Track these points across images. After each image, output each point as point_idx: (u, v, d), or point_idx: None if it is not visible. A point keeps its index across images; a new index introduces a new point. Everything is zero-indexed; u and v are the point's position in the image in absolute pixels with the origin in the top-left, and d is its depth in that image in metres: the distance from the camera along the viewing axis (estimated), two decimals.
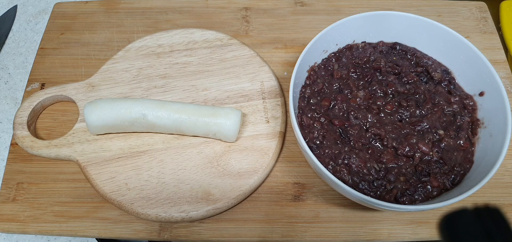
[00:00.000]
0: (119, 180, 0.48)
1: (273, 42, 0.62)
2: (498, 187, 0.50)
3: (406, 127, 0.45)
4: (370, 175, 0.43)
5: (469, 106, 0.47)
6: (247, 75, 0.56)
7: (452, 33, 0.49)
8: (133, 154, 0.50)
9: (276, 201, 0.49)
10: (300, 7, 0.66)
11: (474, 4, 0.66)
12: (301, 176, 0.51)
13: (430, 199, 0.42)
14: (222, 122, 0.48)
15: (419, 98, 0.48)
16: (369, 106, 0.47)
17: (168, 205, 0.47)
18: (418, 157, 0.43)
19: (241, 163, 0.49)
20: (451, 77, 0.50)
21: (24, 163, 0.51)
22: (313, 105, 0.48)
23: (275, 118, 0.53)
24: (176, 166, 0.49)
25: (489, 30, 0.63)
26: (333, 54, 0.52)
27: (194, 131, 0.49)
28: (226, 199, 0.47)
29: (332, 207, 0.49)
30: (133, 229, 0.47)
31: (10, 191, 0.50)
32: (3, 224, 0.48)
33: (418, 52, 0.52)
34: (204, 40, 0.60)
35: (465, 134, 0.45)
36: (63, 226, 0.47)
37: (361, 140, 0.45)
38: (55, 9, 0.65)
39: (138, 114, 0.48)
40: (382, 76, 0.50)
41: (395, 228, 0.47)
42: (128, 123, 0.49)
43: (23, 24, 0.69)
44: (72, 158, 0.50)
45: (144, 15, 0.65)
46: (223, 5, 0.66)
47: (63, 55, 0.61)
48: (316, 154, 0.44)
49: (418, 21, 0.50)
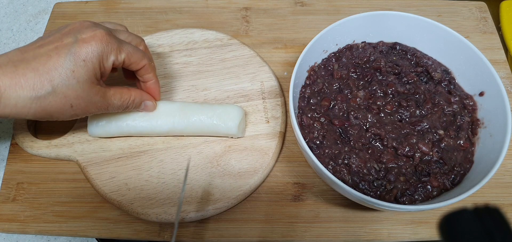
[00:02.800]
0: (119, 180, 0.48)
1: (273, 42, 0.62)
2: (498, 187, 0.50)
3: (406, 127, 0.45)
4: (370, 175, 0.43)
5: (469, 106, 0.47)
6: (247, 75, 0.56)
7: (452, 33, 0.49)
8: (133, 154, 0.50)
9: (276, 201, 0.49)
10: (300, 7, 0.66)
11: (474, 4, 0.66)
12: (301, 176, 0.51)
13: (430, 199, 0.42)
14: (222, 111, 0.49)
15: (419, 98, 0.48)
16: (369, 106, 0.47)
17: (168, 205, 0.47)
18: (418, 157, 0.43)
19: (241, 163, 0.49)
20: (451, 77, 0.50)
21: (24, 163, 0.52)
22: (313, 105, 0.48)
23: (275, 118, 0.53)
24: (176, 166, 0.49)
25: (489, 30, 0.63)
26: (333, 54, 0.52)
27: (196, 131, 0.50)
28: (226, 199, 0.47)
29: (332, 207, 0.49)
30: (133, 229, 0.47)
31: (10, 191, 0.50)
32: (3, 224, 0.48)
33: (418, 52, 0.52)
34: (204, 40, 0.60)
35: (465, 134, 0.45)
36: (63, 226, 0.47)
37: (361, 140, 0.45)
38: (55, 9, 0.65)
39: (142, 130, 0.49)
40: (382, 76, 0.50)
41: (395, 228, 0.47)
42: (132, 134, 0.50)
43: (23, 24, 0.69)
44: (72, 158, 0.50)
45: (144, 15, 0.65)
46: (223, 5, 0.66)
47: None
48: (316, 154, 0.44)
49: (418, 21, 0.50)
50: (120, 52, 0.42)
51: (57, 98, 0.39)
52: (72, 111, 0.41)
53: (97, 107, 0.42)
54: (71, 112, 0.41)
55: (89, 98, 0.41)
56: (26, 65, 0.38)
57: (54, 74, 0.38)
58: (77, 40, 0.39)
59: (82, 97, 0.40)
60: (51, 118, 0.41)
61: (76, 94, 0.39)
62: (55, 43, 0.39)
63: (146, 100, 0.47)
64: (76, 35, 0.40)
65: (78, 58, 0.39)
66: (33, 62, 0.38)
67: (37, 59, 0.38)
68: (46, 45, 0.40)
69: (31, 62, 0.38)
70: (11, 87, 0.37)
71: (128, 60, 0.43)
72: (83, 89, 0.40)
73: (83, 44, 0.39)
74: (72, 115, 0.41)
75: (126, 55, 0.42)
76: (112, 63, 0.42)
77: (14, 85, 0.37)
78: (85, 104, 0.41)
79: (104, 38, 0.40)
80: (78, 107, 0.41)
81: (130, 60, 0.43)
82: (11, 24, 0.69)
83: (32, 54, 0.39)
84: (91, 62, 0.39)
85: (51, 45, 0.39)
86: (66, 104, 0.39)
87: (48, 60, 0.38)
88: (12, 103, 0.37)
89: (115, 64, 0.42)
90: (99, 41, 0.40)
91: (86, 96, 0.40)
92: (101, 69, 0.41)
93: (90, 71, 0.40)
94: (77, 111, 0.41)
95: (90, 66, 0.39)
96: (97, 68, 0.40)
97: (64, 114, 0.40)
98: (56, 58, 0.38)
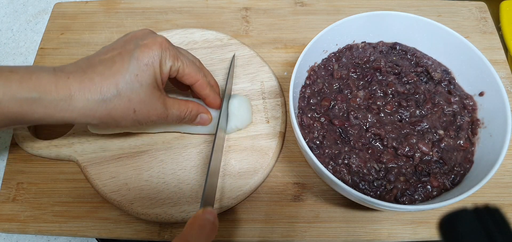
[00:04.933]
0: (119, 180, 0.48)
1: (273, 42, 0.62)
2: (498, 187, 0.50)
3: (406, 127, 0.45)
4: (370, 175, 0.43)
5: (469, 106, 0.47)
6: (247, 75, 0.56)
7: (452, 33, 0.49)
8: (133, 154, 0.50)
9: (276, 201, 0.49)
10: (300, 7, 0.66)
11: (474, 4, 0.66)
12: (301, 176, 0.51)
13: (430, 199, 0.42)
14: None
15: (419, 98, 0.48)
16: (369, 106, 0.47)
17: (168, 205, 0.47)
18: (418, 157, 0.43)
19: (241, 163, 0.49)
20: (451, 77, 0.50)
21: (24, 163, 0.52)
22: (313, 105, 0.48)
23: (275, 118, 0.53)
24: (176, 166, 0.49)
25: (489, 30, 0.63)
26: (333, 54, 0.52)
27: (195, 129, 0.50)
28: (226, 199, 0.47)
29: (332, 207, 0.49)
30: (133, 229, 0.47)
31: (10, 191, 0.50)
32: (3, 224, 0.48)
33: (418, 52, 0.52)
34: (204, 40, 0.60)
35: (465, 134, 0.45)
36: (63, 226, 0.47)
37: (361, 140, 0.45)
38: (55, 9, 0.65)
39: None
40: (382, 76, 0.50)
41: (395, 228, 0.47)
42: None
43: (23, 24, 0.69)
44: (72, 158, 0.50)
45: (144, 15, 0.65)
46: (223, 5, 0.66)
47: (63, 55, 0.61)
48: (316, 154, 0.44)
49: (418, 21, 0.50)
50: (177, 59, 0.43)
51: (122, 101, 0.40)
52: (135, 117, 0.41)
53: (158, 115, 0.43)
54: (134, 118, 0.41)
55: (151, 103, 0.42)
56: (93, 69, 0.39)
57: (119, 78, 0.39)
58: (139, 46, 0.41)
59: (145, 102, 0.41)
60: (116, 125, 0.42)
61: (140, 98, 0.40)
62: (119, 50, 0.41)
63: (202, 114, 0.48)
64: (138, 41, 0.41)
65: (141, 62, 0.40)
66: (99, 67, 0.39)
67: (103, 64, 0.40)
68: (110, 51, 0.41)
69: (98, 67, 0.39)
70: (80, 91, 0.38)
71: (183, 70, 0.44)
72: (146, 94, 0.41)
73: (145, 49, 0.40)
74: (134, 121, 0.42)
75: (182, 64, 0.43)
76: (169, 69, 0.42)
77: (82, 89, 0.38)
78: (147, 110, 0.42)
79: (164, 44, 0.42)
80: (141, 112, 0.41)
81: (185, 71, 0.44)
82: (11, 24, 0.69)
83: (98, 60, 0.40)
84: (153, 67, 0.41)
85: (115, 51, 0.41)
86: (130, 108, 0.40)
87: (113, 65, 0.39)
88: (80, 106, 0.38)
89: (172, 71, 0.43)
90: (159, 46, 0.41)
91: (149, 101, 0.41)
92: (161, 75, 0.42)
93: (152, 75, 0.41)
94: (139, 117, 0.42)
95: (152, 71, 0.41)
96: (158, 73, 0.41)
97: (127, 120, 0.41)
98: (121, 63, 0.40)
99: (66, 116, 0.39)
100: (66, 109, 0.38)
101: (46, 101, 0.37)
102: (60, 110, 0.38)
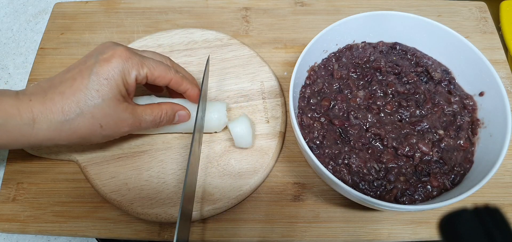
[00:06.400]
0: (119, 180, 0.48)
1: (273, 42, 0.62)
2: (498, 187, 0.50)
3: (406, 126, 0.45)
4: (370, 175, 0.43)
5: (469, 106, 0.47)
6: (247, 75, 0.56)
7: (452, 33, 0.49)
8: (133, 154, 0.50)
9: (276, 201, 0.49)
10: (300, 7, 0.66)
11: (474, 4, 0.66)
12: (301, 176, 0.51)
13: (430, 199, 0.42)
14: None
15: (419, 98, 0.48)
16: (369, 106, 0.47)
17: (168, 205, 0.47)
18: (418, 157, 0.43)
19: (241, 163, 0.49)
20: (451, 77, 0.50)
21: (24, 163, 0.52)
22: (313, 105, 0.48)
23: (275, 118, 0.53)
24: (176, 166, 0.49)
25: (489, 30, 0.63)
26: (333, 54, 0.52)
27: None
28: (226, 199, 0.47)
29: (332, 207, 0.49)
30: (133, 229, 0.47)
31: (10, 191, 0.50)
32: (3, 224, 0.48)
33: (418, 52, 0.52)
34: (204, 40, 0.60)
35: (465, 134, 0.45)
36: (63, 226, 0.47)
37: (361, 140, 0.45)
38: (55, 9, 0.65)
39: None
40: (382, 76, 0.50)
41: (395, 228, 0.47)
42: None
43: (23, 24, 0.69)
44: (72, 158, 0.50)
45: (144, 15, 0.65)
46: (223, 5, 0.66)
47: (63, 55, 0.61)
48: (316, 154, 0.44)
49: (418, 21, 0.50)
50: (142, 67, 0.42)
51: (85, 119, 0.39)
52: (103, 132, 0.41)
53: (129, 125, 0.43)
54: (102, 133, 0.41)
55: (117, 115, 0.41)
56: (54, 90, 0.39)
57: (79, 96, 0.39)
58: (98, 60, 0.40)
59: (111, 116, 0.40)
60: (84, 142, 0.41)
61: (104, 112, 0.40)
62: (79, 67, 0.40)
63: (178, 111, 0.47)
64: (97, 56, 0.41)
65: (101, 77, 0.39)
66: (60, 87, 0.39)
67: (63, 83, 0.39)
68: (72, 69, 0.41)
69: (58, 87, 0.39)
70: (42, 113, 0.38)
71: (152, 74, 0.43)
72: (110, 107, 0.40)
73: (104, 63, 0.40)
74: (104, 136, 0.42)
75: (148, 69, 0.42)
76: (135, 78, 0.42)
77: (45, 111, 0.38)
78: (115, 123, 0.41)
79: (123, 55, 0.41)
80: (108, 127, 0.41)
81: (154, 75, 0.43)
82: (11, 24, 0.69)
83: (59, 80, 0.40)
84: (114, 80, 0.40)
85: (76, 69, 0.40)
86: (95, 124, 0.40)
87: (73, 83, 0.39)
88: (44, 128, 0.38)
89: (138, 80, 0.42)
90: (119, 57, 0.40)
91: (114, 113, 0.41)
92: (126, 86, 0.41)
93: (114, 88, 0.40)
94: (107, 131, 0.41)
95: (113, 84, 0.40)
96: (121, 85, 0.41)
97: (96, 136, 0.41)
98: (80, 80, 0.39)
99: (32, 141, 0.38)
100: (30, 134, 0.37)
101: (10, 126, 0.37)
102: (24, 135, 0.37)
